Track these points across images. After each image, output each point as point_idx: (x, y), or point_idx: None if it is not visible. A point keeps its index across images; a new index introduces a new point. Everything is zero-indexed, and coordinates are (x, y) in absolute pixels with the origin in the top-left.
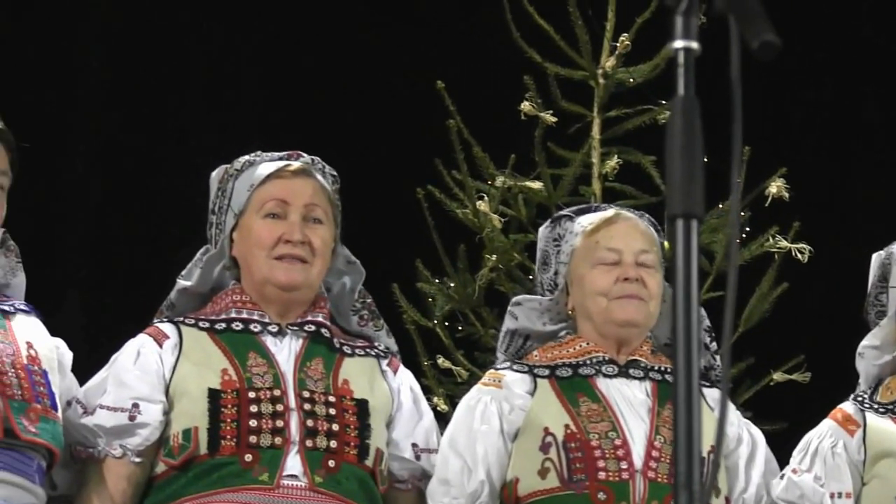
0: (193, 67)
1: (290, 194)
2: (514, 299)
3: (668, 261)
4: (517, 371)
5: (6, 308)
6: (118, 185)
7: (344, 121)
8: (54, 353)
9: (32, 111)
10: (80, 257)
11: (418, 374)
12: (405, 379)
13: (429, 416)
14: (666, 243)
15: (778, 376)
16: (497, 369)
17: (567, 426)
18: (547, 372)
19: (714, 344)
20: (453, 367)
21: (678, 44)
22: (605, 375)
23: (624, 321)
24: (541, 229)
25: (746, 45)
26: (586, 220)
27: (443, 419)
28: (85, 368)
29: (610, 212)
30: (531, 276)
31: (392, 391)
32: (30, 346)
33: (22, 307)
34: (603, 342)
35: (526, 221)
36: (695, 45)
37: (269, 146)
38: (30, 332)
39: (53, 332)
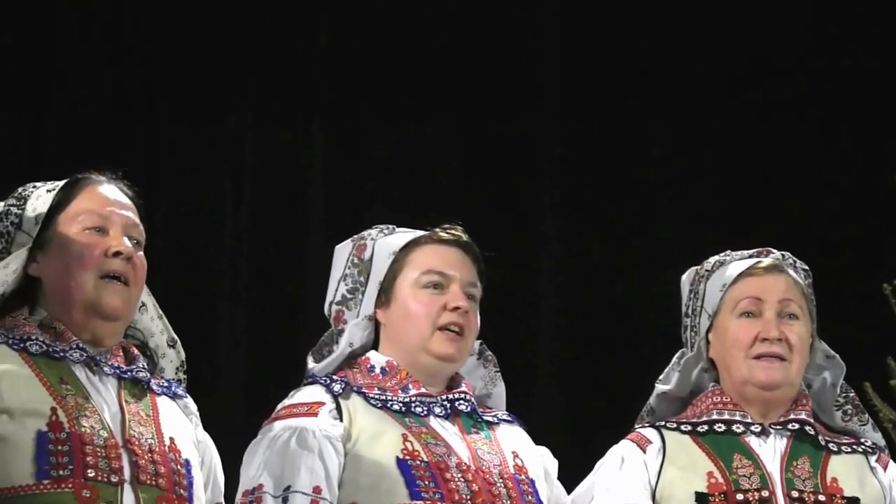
0: (652, 167)
1: (764, 291)
2: None
3: None
4: None
5: (490, 419)
6: (584, 291)
7: (804, 216)
8: (539, 461)
9: (500, 222)
10: (552, 366)
11: None
12: None
13: None
14: None
15: None
16: None
17: None
18: None
19: None
20: None
21: None
22: None
23: None
24: None
25: None
26: None
27: None
28: (566, 475)
29: None
30: None
31: (884, 488)
32: (515, 455)
33: (505, 417)
34: None
35: None
36: None
37: (733, 245)
38: (514, 441)
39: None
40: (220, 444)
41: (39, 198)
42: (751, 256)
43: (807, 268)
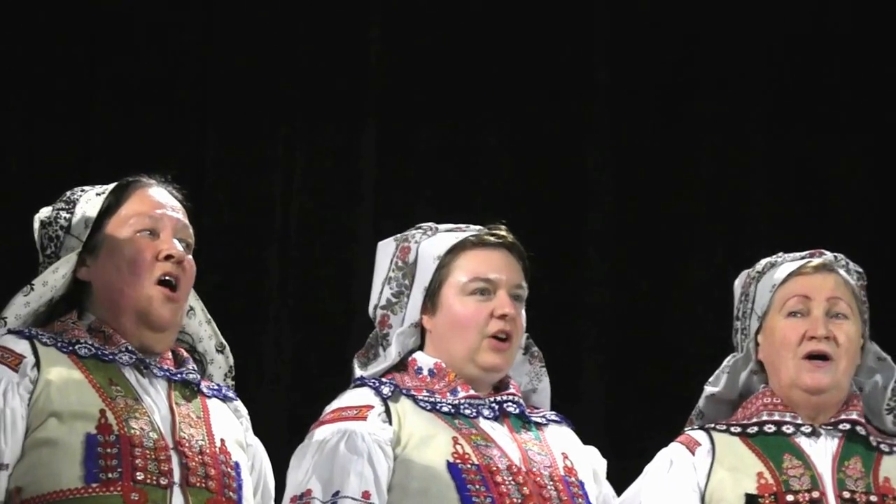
0: (704, 170)
1: (812, 289)
2: None
3: None
4: None
5: (538, 419)
6: (635, 299)
7: (857, 220)
8: (588, 462)
9: (547, 225)
10: (600, 368)
11: None
12: None
13: None
14: None
15: None
16: None
17: None
18: None
19: None
20: None
21: None
22: None
23: None
24: None
25: None
26: None
27: None
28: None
29: None
30: None
31: None
32: (565, 456)
33: (553, 418)
34: None
35: None
36: None
37: (786, 249)
38: (564, 442)
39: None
40: (267, 448)
41: (89, 201)
42: (803, 258)
43: (860, 270)
